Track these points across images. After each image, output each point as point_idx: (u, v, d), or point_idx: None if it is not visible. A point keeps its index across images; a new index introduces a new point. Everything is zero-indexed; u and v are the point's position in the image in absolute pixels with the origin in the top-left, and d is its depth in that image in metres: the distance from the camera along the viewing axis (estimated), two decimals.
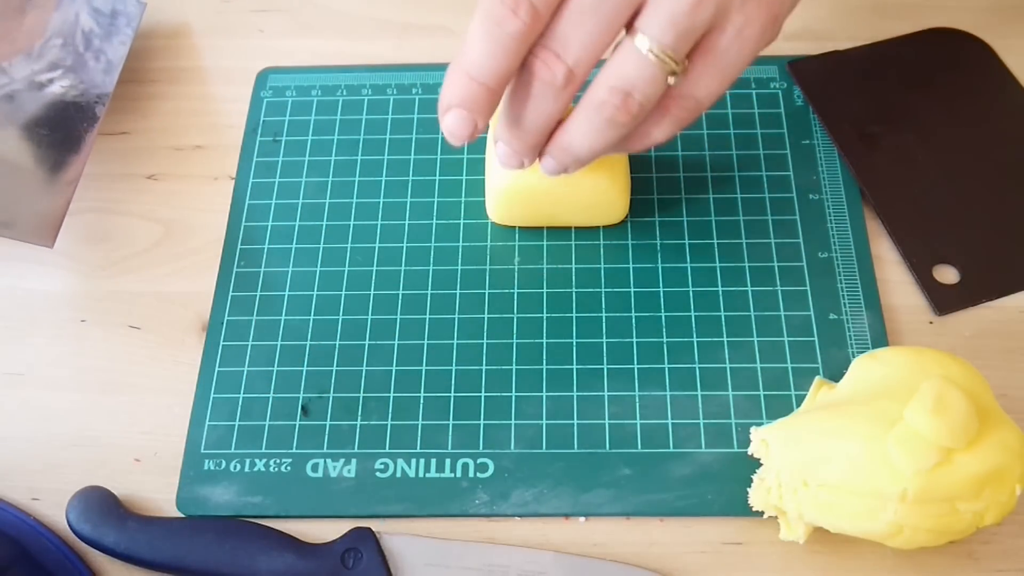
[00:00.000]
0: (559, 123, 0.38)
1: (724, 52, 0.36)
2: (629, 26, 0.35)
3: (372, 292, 0.45)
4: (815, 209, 0.47)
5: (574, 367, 0.43)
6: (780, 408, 0.41)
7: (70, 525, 0.39)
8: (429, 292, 0.45)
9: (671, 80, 0.36)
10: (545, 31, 0.35)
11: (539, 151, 0.39)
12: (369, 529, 0.39)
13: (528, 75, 0.36)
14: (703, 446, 0.41)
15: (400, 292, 0.45)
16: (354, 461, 0.41)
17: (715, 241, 0.46)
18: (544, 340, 0.43)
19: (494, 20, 0.34)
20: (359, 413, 0.42)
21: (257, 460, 0.41)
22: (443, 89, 0.36)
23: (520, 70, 0.36)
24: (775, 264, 0.45)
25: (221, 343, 0.44)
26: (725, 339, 0.43)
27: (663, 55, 0.35)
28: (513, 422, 0.41)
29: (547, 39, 0.35)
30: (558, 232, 0.46)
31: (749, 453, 0.39)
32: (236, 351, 0.44)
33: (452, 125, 0.36)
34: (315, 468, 0.41)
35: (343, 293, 0.45)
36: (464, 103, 0.36)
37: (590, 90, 0.36)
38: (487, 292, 0.45)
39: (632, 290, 0.45)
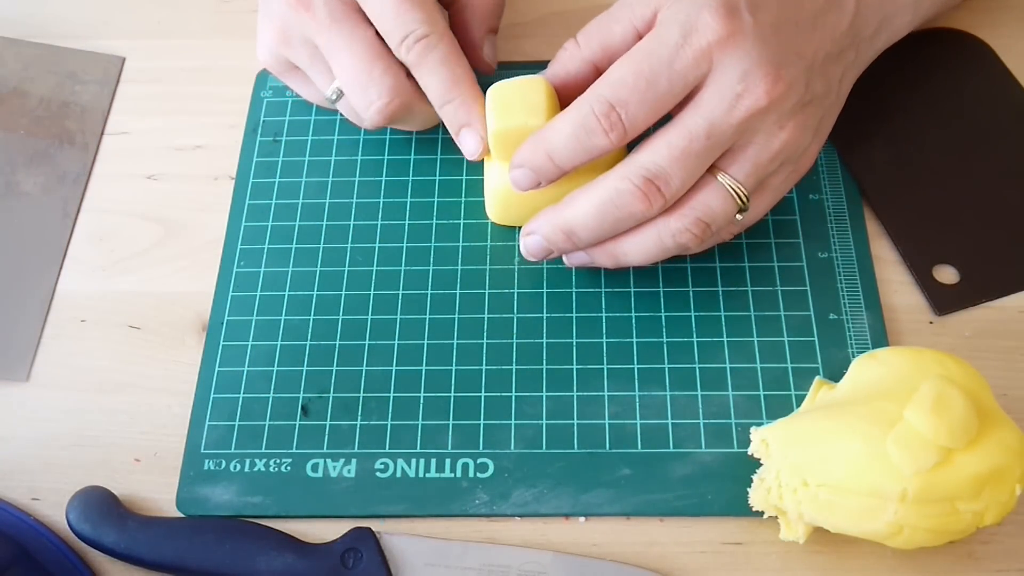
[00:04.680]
0: None
1: (773, 190, 0.41)
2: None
3: (372, 292, 0.45)
4: (815, 209, 0.47)
5: (574, 367, 0.43)
6: (780, 408, 0.41)
7: (70, 525, 0.39)
8: (429, 292, 0.45)
9: (739, 217, 0.40)
10: (645, 159, 0.38)
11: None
12: (369, 529, 0.39)
13: (621, 200, 0.38)
14: (703, 446, 0.41)
15: (400, 292, 0.45)
16: (354, 461, 0.41)
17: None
18: (544, 340, 0.43)
19: (585, 130, 0.38)
20: (359, 413, 0.42)
21: (257, 460, 0.41)
22: (522, 149, 0.40)
23: (610, 190, 0.38)
24: (775, 264, 0.45)
25: (221, 343, 0.44)
26: (725, 339, 0.43)
27: (743, 194, 0.39)
28: (513, 422, 0.41)
29: (650, 171, 0.38)
30: None
31: (749, 453, 0.39)
32: (236, 351, 0.44)
33: (519, 178, 0.41)
34: (315, 468, 0.41)
35: (343, 293, 0.45)
36: (536, 171, 0.40)
37: (669, 218, 0.39)
38: (487, 292, 0.45)
39: (632, 290, 0.45)
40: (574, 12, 0.54)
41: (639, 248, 0.40)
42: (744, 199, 0.39)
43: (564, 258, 0.43)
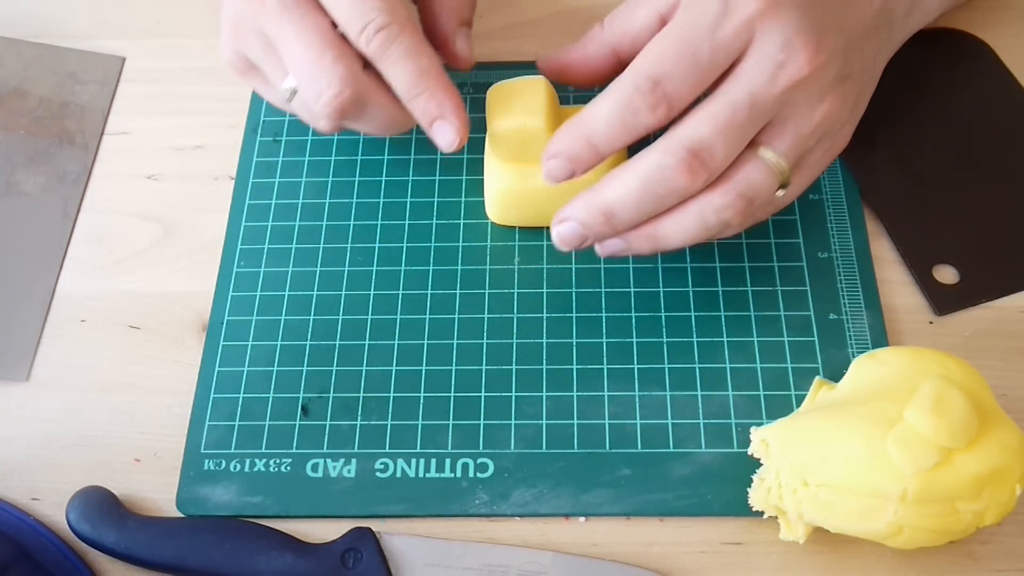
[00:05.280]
0: None
1: (811, 167, 0.40)
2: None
3: (372, 292, 0.45)
4: (815, 209, 0.47)
5: (574, 367, 0.43)
6: (780, 408, 0.41)
7: (70, 525, 0.39)
8: (429, 292, 0.45)
9: (780, 193, 0.39)
10: (687, 132, 0.37)
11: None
12: (369, 529, 0.39)
13: (664, 175, 0.37)
14: (703, 446, 0.41)
15: (400, 292, 0.45)
16: (354, 461, 0.41)
17: (715, 241, 0.46)
18: (544, 340, 0.43)
19: (629, 109, 0.37)
20: (359, 413, 0.42)
21: (257, 460, 0.41)
22: (557, 137, 0.39)
23: (652, 165, 0.37)
24: (775, 264, 0.45)
25: (221, 343, 0.44)
26: (725, 339, 0.43)
27: (786, 169, 0.38)
28: (513, 422, 0.41)
29: (693, 143, 0.37)
30: None
31: (749, 453, 0.39)
32: (236, 351, 0.44)
33: (555, 169, 0.39)
34: (315, 468, 0.41)
35: (343, 293, 0.45)
36: (572, 159, 0.38)
37: (711, 195, 0.38)
38: (487, 292, 0.45)
39: (632, 290, 0.45)
40: (574, 12, 0.55)
41: (680, 228, 0.39)
42: (786, 174, 0.38)
43: (597, 248, 0.41)
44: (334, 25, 0.40)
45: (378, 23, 0.39)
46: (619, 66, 0.40)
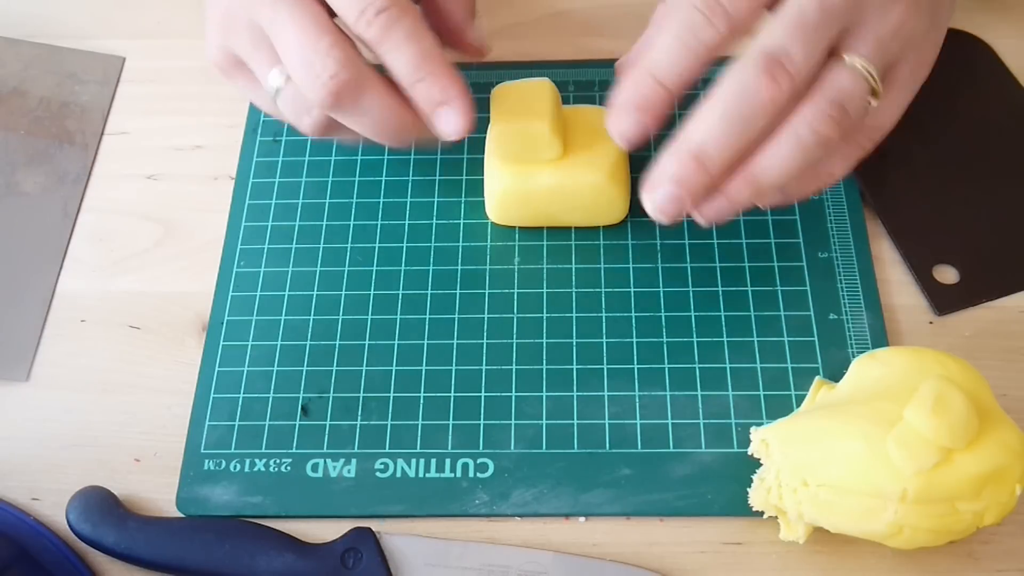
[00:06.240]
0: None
1: (903, 84, 0.39)
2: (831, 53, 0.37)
3: (372, 292, 0.45)
4: (815, 209, 0.47)
5: (574, 367, 0.43)
6: (780, 408, 0.41)
7: (70, 525, 0.39)
8: (429, 292, 0.45)
9: (873, 103, 0.37)
10: (760, 42, 0.35)
11: (711, 191, 0.37)
12: (369, 529, 0.39)
13: (746, 89, 0.35)
14: (703, 446, 0.41)
15: (400, 292, 0.45)
16: (354, 461, 0.41)
17: (715, 241, 0.46)
18: (544, 340, 0.43)
19: (688, 27, 0.36)
20: (359, 413, 0.42)
21: (257, 460, 0.41)
22: (621, 87, 0.37)
23: (732, 83, 0.36)
24: (775, 264, 0.45)
25: (221, 343, 0.44)
26: (725, 339, 0.43)
27: (871, 73, 0.36)
28: (513, 422, 0.41)
29: (768, 49, 0.35)
30: (558, 232, 0.46)
31: (749, 453, 0.39)
32: (236, 351, 0.44)
33: (625, 127, 0.37)
34: (315, 468, 0.41)
35: (343, 293, 0.45)
36: (640, 105, 0.36)
37: (802, 109, 0.36)
38: (487, 292, 0.45)
39: (632, 290, 0.45)
40: (574, 12, 0.55)
41: (777, 156, 0.36)
42: (874, 79, 0.37)
43: (697, 216, 0.38)
44: (331, 15, 0.38)
45: (377, 6, 0.37)
46: None
